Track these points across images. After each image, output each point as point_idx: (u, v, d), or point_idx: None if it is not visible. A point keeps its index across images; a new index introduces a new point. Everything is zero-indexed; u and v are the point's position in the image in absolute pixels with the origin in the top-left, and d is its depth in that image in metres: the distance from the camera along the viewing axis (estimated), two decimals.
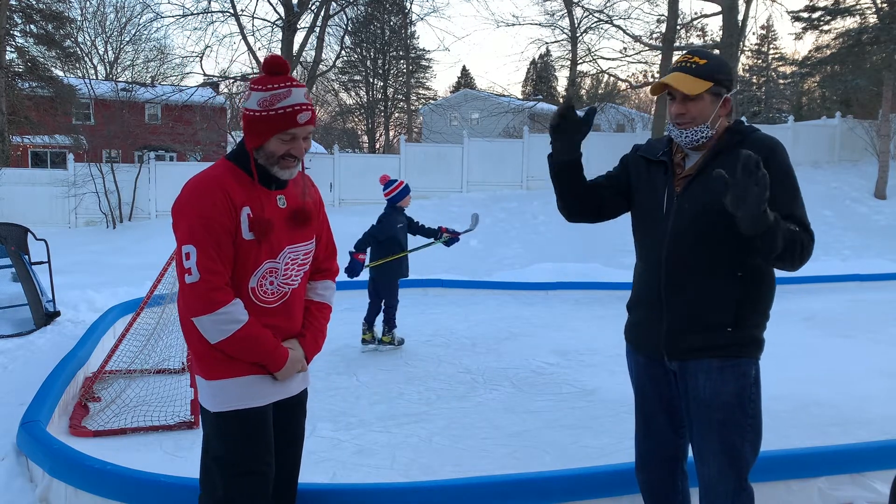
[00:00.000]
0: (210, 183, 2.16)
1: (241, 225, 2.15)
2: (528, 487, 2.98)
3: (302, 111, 2.16)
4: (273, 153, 2.18)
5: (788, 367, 5.60)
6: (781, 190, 2.15)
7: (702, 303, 2.23)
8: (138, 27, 35.28)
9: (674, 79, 2.22)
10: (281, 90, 2.15)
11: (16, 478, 3.49)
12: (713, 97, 2.22)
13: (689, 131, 2.24)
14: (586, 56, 26.25)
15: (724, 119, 2.29)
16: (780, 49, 52.20)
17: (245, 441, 2.21)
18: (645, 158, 2.42)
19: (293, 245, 2.28)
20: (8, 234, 7.19)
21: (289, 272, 2.27)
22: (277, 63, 2.19)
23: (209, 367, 2.22)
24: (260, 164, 2.21)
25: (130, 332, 5.14)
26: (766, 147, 2.20)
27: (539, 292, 10.05)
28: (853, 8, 22.98)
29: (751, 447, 2.24)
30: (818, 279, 10.34)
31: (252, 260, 2.18)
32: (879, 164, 20.45)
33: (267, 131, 2.16)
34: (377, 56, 41.11)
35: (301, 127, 2.17)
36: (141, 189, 20.25)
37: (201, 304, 2.11)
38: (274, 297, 2.25)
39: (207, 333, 2.15)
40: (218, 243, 2.12)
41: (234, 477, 2.20)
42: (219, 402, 2.21)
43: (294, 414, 2.41)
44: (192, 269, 2.10)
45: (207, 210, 2.11)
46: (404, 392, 5.21)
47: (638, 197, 2.42)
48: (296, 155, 2.20)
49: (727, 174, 1.96)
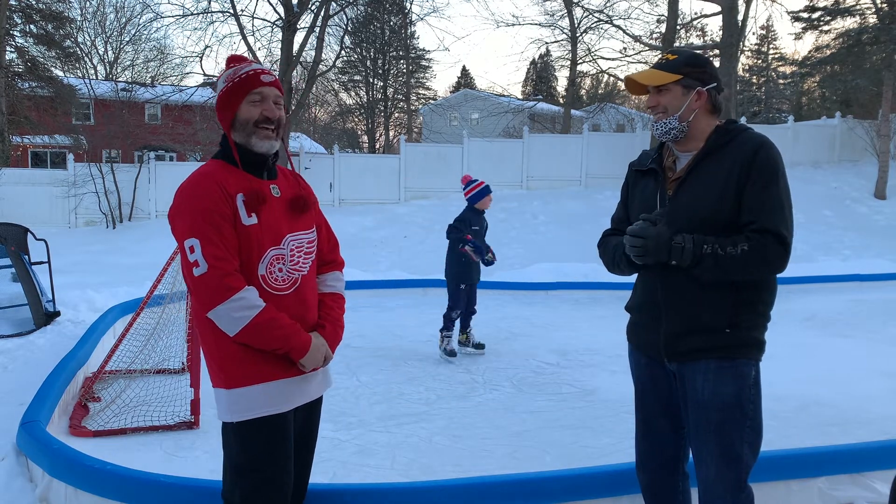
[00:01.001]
0: (202, 178, 2.17)
1: (239, 211, 2.15)
2: (528, 487, 2.98)
3: (263, 73, 2.25)
4: (247, 119, 2.21)
5: (789, 367, 5.61)
6: (755, 193, 2.15)
7: (699, 304, 2.22)
8: (138, 27, 35.33)
9: (640, 74, 2.33)
10: (242, 64, 2.27)
11: (16, 478, 3.49)
12: (683, 89, 2.26)
13: (660, 123, 2.29)
14: (586, 56, 26.28)
15: (707, 116, 2.29)
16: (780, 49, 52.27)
17: (268, 448, 2.17)
18: (638, 171, 2.46)
19: (294, 233, 2.27)
20: (8, 234, 7.19)
21: (295, 258, 2.26)
22: (238, 57, 2.29)
23: (230, 375, 2.16)
24: (239, 143, 2.23)
25: (130, 332, 5.13)
26: (752, 147, 2.19)
27: (539, 292, 10.05)
28: (853, 8, 22.99)
29: (750, 448, 2.23)
30: (818, 279, 10.35)
31: (256, 247, 2.17)
32: (879, 164, 20.45)
33: (235, 99, 2.22)
34: (377, 56, 41.12)
35: (266, 86, 2.23)
36: (141, 189, 20.26)
37: (215, 293, 2.07)
38: (286, 284, 2.23)
39: (225, 325, 2.10)
40: (220, 232, 2.10)
41: (254, 484, 2.17)
42: (242, 411, 2.15)
43: (312, 417, 2.39)
44: (198, 261, 2.07)
45: (204, 202, 2.11)
46: (404, 392, 5.21)
47: (633, 205, 2.44)
48: (270, 117, 2.22)
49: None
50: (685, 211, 2.23)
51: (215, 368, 2.20)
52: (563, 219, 18.73)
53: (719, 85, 2.31)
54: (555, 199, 20.25)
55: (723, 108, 2.35)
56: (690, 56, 2.31)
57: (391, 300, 9.59)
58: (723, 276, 2.15)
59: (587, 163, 21.75)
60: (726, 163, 2.20)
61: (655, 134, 2.32)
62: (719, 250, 2.12)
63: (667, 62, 2.29)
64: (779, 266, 2.15)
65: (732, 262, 2.11)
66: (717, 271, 2.13)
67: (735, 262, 2.11)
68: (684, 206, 2.24)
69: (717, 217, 2.18)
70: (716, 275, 2.15)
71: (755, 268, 2.13)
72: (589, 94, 45.98)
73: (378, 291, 9.98)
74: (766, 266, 2.14)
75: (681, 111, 2.25)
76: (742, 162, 2.17)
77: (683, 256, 2.14)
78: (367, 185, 21.21)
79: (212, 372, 2.23)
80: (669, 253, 2.15)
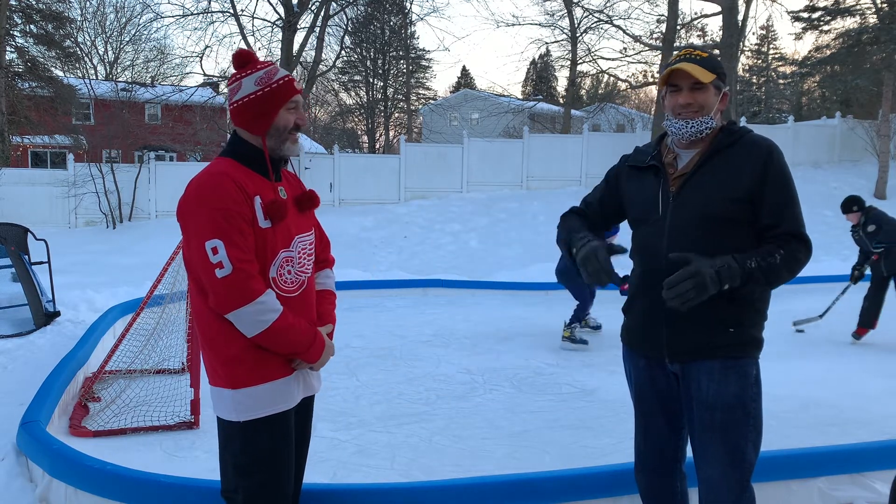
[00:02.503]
0: (219, 177, 2.14)
1: (257, 214, 2.14)
2: (528, 487, 2.98)
3: (293, 80, 2.28)
4: (284, 126, 2.22)
5: (788, 367, 5.61)
6: (774, 197, 2.18)
7: (703, 303, 2.22)
8: (138, 27, 35.34)
9: (689, 66, 2.23)
10: (270, 67, 2.25)
11: (16, 478, 3.49)
12: (715, 90, 2.26)
13: (694, 121, 2.23)
14: (586, 56, 26.29)
15: (720, 116, 2.32)
16: (780, 49, 52.27)
17: (272, 447, 2.17)
18: (635, 167, 2.43)
19: (300, 234, 2.29)
20: (8, 234, 7.19)
21: (302, 261, 2.27)
22: (248, 56, 2.27)
23: (236, 375, 2.15)
24: (271, 147, 2.23)
25: (130, 332, 5.13)
26: (764, 150, 2.21)
27: (539, 292, 10.05)
28: (853, 8, 23.00)
29: (753, 447, 2.24)
30: (818, 279, 10.34)
31: (269, 249, 2.16)
32: (879, 164, 20.46)
33: (275, 105, 2.20)
34: (377, 56, 41.11)
35: (298, 94, 2.27)
36: (141, 189, 20.24)
37: (239, 296, 2.06)
38: (294, 286, 2.24)
39: (245, 326, 2.10)
40: (242, 233, 2.09)
41: (258, 483, 2.17)
42: (247, 410, 2.15)
43: (307, 413, 2.40)
44: (223, 263, 2.05)
45: (225, 202, 2.08)
46: (404, 392, 5.21)
47: (633, 205, 2.42)
48: (301, 125, 2.27)
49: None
50: (691, 209, 2.22)
51: (219, 368, 2.19)
52: None
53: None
54: (555, 199, 20.23)
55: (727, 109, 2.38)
56: (715, 57, 2.35)
57: (391, 300, 9.59)
58: (769, 287, 2.21)
59: (587, 163, 21.74)
60: (735, 162, 2.21)
61: (684, 135, 2.26)
62: (762, 262, 2.14)
63: (702, 59, 2.25)
64: (804, 266, 2.22)
65: (776, 271, 2.15)
66: (766, 283, 2.17)
67: (778, 270, 2.15)
68: (690, 204, 2.23)
69: (723, 216, 2.19)
70: (762, 287, 2.19)
71: (791, 271, 2.19)
72: (589, 94, 46.04)
73: (378, 291, 9.99)
74: (799, 268, 2.20)
75: (713, 111, 2.26)
76: (755, 164, 2.19)
77: (733, 278, 2.11)
78: (367, 185, 21.20)
79: (213, 371, 2.21)
80: (720, 280, 2.10)
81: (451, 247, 17.43)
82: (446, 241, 17.82)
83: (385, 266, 14.76)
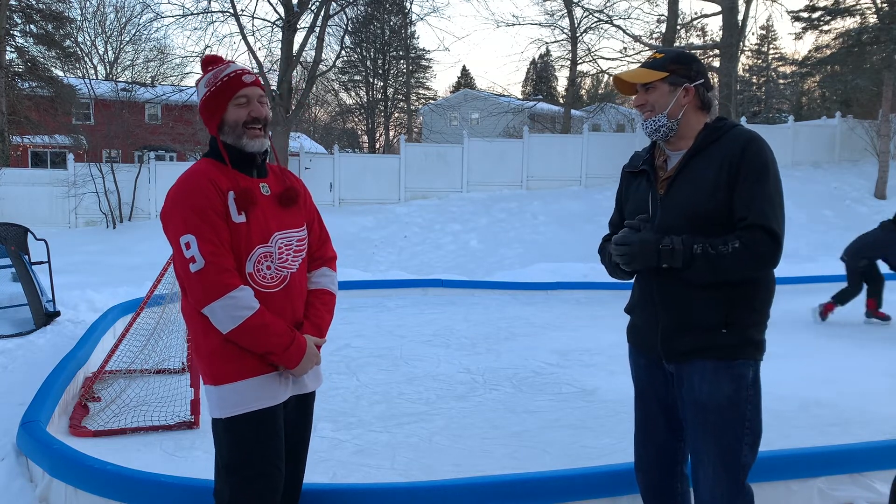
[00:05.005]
0: (193, 176, 2.18)
1: (230, 208, 2.16)
2: (528, 487, 2.98)
3: (244, 74, 2.25)
4: (235, 122, 2.22)
5: (789, 367, 5.61)
6: (747, 187, 2.14)
7: (694, 304, 2.21)
8: (138, 27, 35.29)
9: (627, 72, 2.34)
10: (220, 66, 2.27)
11: (16, 478, 3.49)
12: (670, 87, 2.26)
13: (649, 121, 2.30)
14: (586, 56, 26.30)
15: (696, 113, 2.29)
16: (780, 49, 52.27)
17: (257, 443, 2.16)
18: (630, 173, 2.47)
19: (283, 231, 2.26)
20: (8, 234, 7.19)
21: (284, 255, 2.25)
22: (210, 59, 2.29)
23: (218, 370, 2.16)
24: (230, 144, 2.24)
25: (130, 332, 5.13)
26: (742, 140, 2.19)
27: (539, 292, 10.05)
28: (853, 8, 22.99)
29: (749, 449, 2.22)
30: (818, 279, 10.34)
31: (244, 245, 2.17)
32: (879, 164, 20.45)
33: (220, 103, 2.23)
34: (377, 56, 41.12)
35: (249, 87, 2.24)
36: (141, 189, 20.25)
37: (211, 289, 2.07)
38: (274, 281, 2.22)
39: (219, 322, 2.10)
40: (215, 228, 2.11)
41: (242, 481, 2.16)
42: (230, 406, 2.15)
43: (305, 413, 2.38)
44: (195, 257, 2.08)
45: (198, 199, 2.12)
46: (404, 392, 5.21)
47: (627, 207, 2.44)
48: (257, 117, 2.24)
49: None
50: (677, 209, 2.22)
51: (203, 364, 2.20)
52: (563, 219, 18.73)
53: (707, 82, 2.31)
54: (555, 199, 20.24)
55: (712, 106, 2.36)
56: (676, 54, 2.32)
57: (391, 300, 9.59)
58: (717, 276, 2.14)
59: (587, 163, 21.74)
60: (716, 159, 2.19)
61: (645, 132, 2.33)
62: (710, 249, 2.11)
63: (653, 61, 2.31)
64: (771, 262, 2.13)
65: (725, 261, 2.10)
66: (711, 271, 2.13)
67: (727, 261, 2.10)
68: (676, 204, 2.23)
69: (710, 214, 2.17)
70: (709, 275, 2.14)
71: (748, 265, 2.12)
72: (589, 94, 45.96)
73: (378, 291, 9.99)
74: (759, 262, 2.13)
75: (668, 108, 2.25)
76: (731, 157, 2.16)
77: (674, 258, 2.14)
78: (367, 185, 21.20)
79: (201, 368, 2.23)
80: (659, 257, 2.15)
81: (451, 247, 17.43)
82: (446, 241, 17.82)
83: (385, 266, 14.77)
